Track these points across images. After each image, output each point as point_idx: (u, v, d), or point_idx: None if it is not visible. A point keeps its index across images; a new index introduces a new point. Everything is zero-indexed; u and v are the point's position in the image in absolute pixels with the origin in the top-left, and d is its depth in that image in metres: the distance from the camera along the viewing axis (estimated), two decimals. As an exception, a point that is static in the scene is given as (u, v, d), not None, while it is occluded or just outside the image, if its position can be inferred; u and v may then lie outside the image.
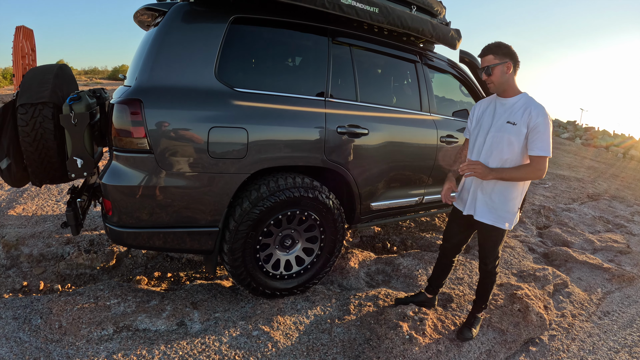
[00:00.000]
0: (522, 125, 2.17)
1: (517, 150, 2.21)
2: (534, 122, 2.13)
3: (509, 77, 2.23)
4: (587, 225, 5.51)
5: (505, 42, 2.24)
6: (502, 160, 2.25)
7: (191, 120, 2.30)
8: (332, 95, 2.81)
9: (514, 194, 2.32)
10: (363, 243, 4.20)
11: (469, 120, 2.57)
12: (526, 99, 2.24)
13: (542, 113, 2.14)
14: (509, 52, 2.21)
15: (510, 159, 2.23)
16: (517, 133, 2.18)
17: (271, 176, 2.59)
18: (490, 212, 2.35)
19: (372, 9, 2.75)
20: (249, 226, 2.49)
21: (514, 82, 2.26)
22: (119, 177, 2.29)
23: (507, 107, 2.27)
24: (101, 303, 2.66)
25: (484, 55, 2.24)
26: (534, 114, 2.14)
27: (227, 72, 2.46)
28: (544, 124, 2.12)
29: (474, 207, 2.41)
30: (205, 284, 3.06)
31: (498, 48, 2.21)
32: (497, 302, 2.99)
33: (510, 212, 2.34)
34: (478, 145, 2.38)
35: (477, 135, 2.40)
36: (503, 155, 2.25)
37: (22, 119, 2.34)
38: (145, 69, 2.31)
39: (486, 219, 2.36)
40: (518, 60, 2.24)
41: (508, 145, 2.22)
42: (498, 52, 2.20)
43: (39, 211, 4.31)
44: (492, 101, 2.39)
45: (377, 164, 3.01)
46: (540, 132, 2.12)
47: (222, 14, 2.48)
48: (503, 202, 2.32)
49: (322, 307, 2.77)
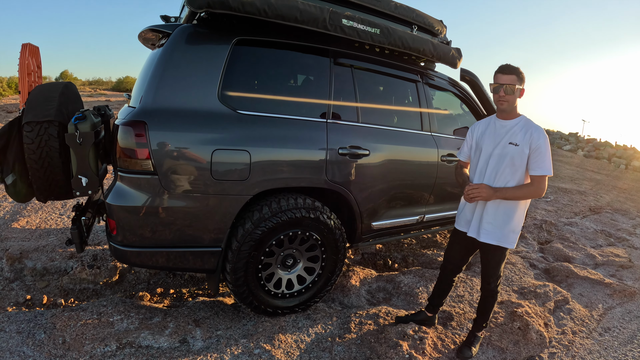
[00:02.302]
0: (525, 146, 2.25)
1: (519, 171, 2.30)
2: (536, 143, 2.23)
3: (517, 100, 2.33)
4: (589, 239, 5.50)
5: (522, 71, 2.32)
6: (505, 180, 2.32)
7: (195, 143, 2.33)
8: (333, 117, 2.84)
9: (517, 213, 2.38)
10: (364, 260, 4.21)
11: (465, 143, 2.61)
12: (525, 121, 2.33)
13: (543, 135, 2.25)
14: (524, 77, 2.31)
15: (513, 179, 2.31)
16: (519, 154, 2.26)
17: (273, 197, 2.62)
18: (494, 232, 2.39)
19: (374, 30, 2.79)
20: (251, 246, 2.52)
21: (517, 105, 2.36)
22: (124, 197, 2.32)
23: (507, 129, 2.34)
24: (104, 319, 2.67)
25: (509, 74, 2.27)
26: (535, 136, 2.23)
27: (230, 94, 2.50)
28: (545, 145, 2.23)
29: (477, 229, 2.45)
30: (208, 301, 3.08)
31: (520, 73, 2.28)
32: (497, 320, 2.99)
33: (514, 232, 2.39)
34: (480, 167, 2.43)
35: (479, 157, 2.45)
36: (506, 175, 2.32)
37: (28, 136, 2.37)
38: (150, 90, 2.35)
39: (490, 239, 2.40)
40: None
41: (511, 166, 2.30)
42: (520, 76, 2.28)
43: (43, 224, 4.35)
44: (491, 123, 2.45)
45: (378, 185, 3.03)
46: (542, 152, 2.23)
47: (226, 36, 2.53)
48: (506, 221, 2.37)
49: (323, 325, 2.78)
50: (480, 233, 2.43)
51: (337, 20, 2.62)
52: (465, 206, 2.58)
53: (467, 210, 2.54)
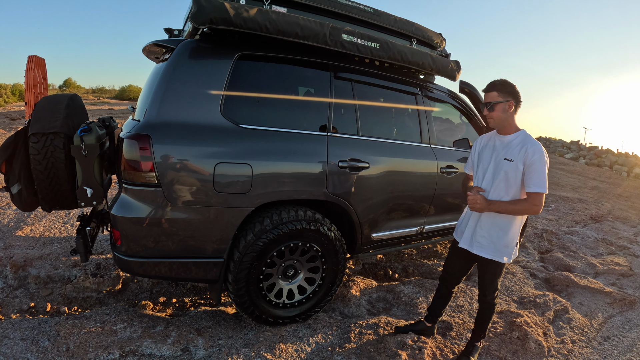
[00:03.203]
0: (519, 161, 2.23)
1: (514, 187, 2.29)
2: (530, 159, 2.20)
3: (509, 115, 2.29)
4: (590, 248, 5.52)
5: (510, 81, 2.30)
6: (499, 195, 2.33)
7: (198, 156, 2.38)
8: (334, 130, 2.88)
9: (512, 228, 2.37)
10: (365, 270, 4.23)
11: (470, 156, 2.65)
12: (523, 136, 2.30)
13: (539, 150, 2.21)
14: (512, 91, 2.27)
15: (507, 194, 2.31)
16: (514, 169, 2.25)
17: (274, 209, 2.66)
18: (488, 246, 2.39)
19: (373, 44, 2.84)
20: (252, 257, 2.56)
21: (514, 120, 2.33)
22: (128, 209, 2.37)
23: (505, 144, 2.34)
24: (108, 327, 2.70)
25: (489, 91, 2.31)
26: (530, 152, 2.21)
27: (232, 108, 2.55)
28: (540, 161, 2.19)
29: (469, 240, 2.47)
30: (210, 310, 3.11)
31: (502, 86, 2.27)
32: (496, 330, 3.02)
33: (508, 246, 2.38)
34: (478, 181, 2.46)
35: (478, 170, 2.49)
36: (500, 190, 2.32)
37: (34, 147, 2.42)
38: (154, 104, 2.40)
39: (484, 253, 2.41)
40: (520, 100, 2.31)
41: (505, 181, 2.29)
42: (502, 90, 2.26)
43: (47, 233, 4.38)
44: (492, 137, 2.46)
45: (378, 197, 3.07)
46: (536, 169, 2.19)
47: (228, 51, 2.58)
48: (501, 236, 2.36)
49: (323, 334, 2.81)
50: (473, 245, 2.45)
51: (337, 35, 2.67)
52: (463, 218, 2.60)
53: (464, 221, 2.57)
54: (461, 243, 2.52)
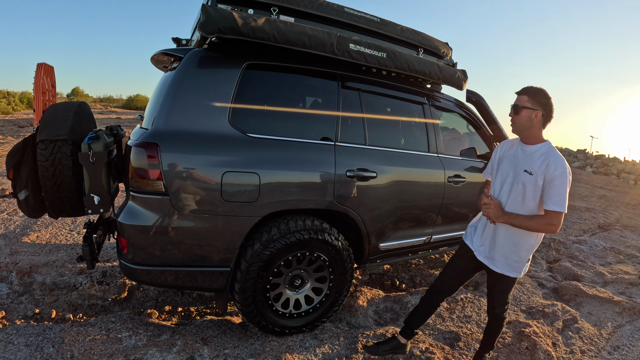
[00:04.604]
0: (539, 176, 2.08)
1: (531, 202, 2.13)
2: (552, 174, 2.03)
3: (534, 124, 2.12)
4: (598, 257, 5.47)
5: (547, 92, 2.13)
6: (514, 209, 2.18)
7: (205, 165, 2.38)
8: (341, 140, 2.87)
9: (528, 243, 2.24)
10: (372, 280, 4.20)
11: (490, 161, 2.48)
12: (547, 148, 2.14)
13: (561, 165, 2.03)
14: (545, 103, 2.11)
15: (523, 208, 2.16)
16: (533, 183, 2.10)
17: (282, 218, 2.65)
18: (501, 261, 2.29)
19: (380, 54, 2.84)
20: (259, 267, 2.54)
21: (539, 131, 2.16)
22: (135, 216, 2.37)
23: (527, 154, 2.18)
24: (113, 335, 2.69)
25: (521, 94, 2.16)
26: (552, 166, 2.04)
27: (240, 117, 2.55)
28: (562, 177, 2.02)
29: (485, 253, 2.36)
30: (216, 319, 3.09)
31: (535, 94, 2.12)
32: (504, 340, 2.99)
33: (521, 262, 2.27)
34: (495, 189, 2.33)
35: (496, 178, 2.35)
36: (516, 204, 2.18)
37: (42, 154, 2.43)
38: (162, 113, 2.41)
39: (495, 267, 2.31)
40: (552, 114, 2.15)
41: (522, 195, 2.15)
42: (534, 97, 2.11)
43: (53, 240, 4.39)
44: (515, 145, 2.30)
45: (385, 206, 3.05)
46: (557, 186, 2.02)
47: (236, 60, 2.59)
48: (514, 251, 2.25)
49: (330, 345, 2.78)
50: (487, 257, 2.35)
51: (344, 44, 2.67)
52: (478, 225, 2.47)
53: (479, 230, 2.43)
54: (478, 255, 2.39)
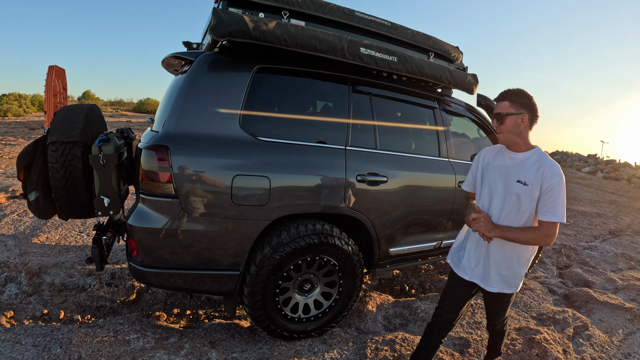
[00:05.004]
0: (535, 186, 1.92)
1: (526, 214, 1.98)
2: (548, 183, 1.89)
3: (522, 130, 1.97)
4: (609, 263, 5.40)
5: (526, 91, 1.99)
6: (511, 221, 2.01)
7: (216, 168, 2.38)
8: (352, 144, 2.86)
9: (524, 257, 2.09)
10: (381, 286, 4.17)
11: (470, 172, 2.30)
12: (539, 155, 1.98)
13: (557, 173, 1.90)
14: (528, 103, 1.95)
15: (520, 220, 1.99)
16: (528, 195, 1.94)
17: (292, 222, 2.64)
18: (497, 280, 2.10)
19: (391, 58, 2.83)
20: (269, 271, 2.53)
21: (527, 136, 2.00)
22: (145, 219, 2.37)
23: (517, 163, 2.01)
24: (120, 337, 2.70)
25: (500, 100, 2.00)
26: (548, 174, 1.89)
27: (251, 121, 2.55)
28: (559, 186, 1.89)
29: (480, 274, 2.15)
30: (224, 323, 3.08)
31: (517, 96, 1.96)
32: (515, 347, 2.96)
33: (518, 278, 2.11)
34: (483, 203, 2.13)
35: (482, 191, 2.15)
36: (511, 218, 2.01)
37: (53, 156, 2.44)
38: (173, 116, 2.42)
39: (493, 287, 2.12)
40: (537, 114, 1.99)
41: (517, 209, 1.98)
42: (515, 101, 1.95)
43: (62, 241, 4.42)
44: (499, 153, 2.12)
45: (396, 211, 3.03)
46: (555, 195, 1.88)
47: (247, 64, 2.59)
48: (511, 267, 2.08)
49: (338, 350, 2.76)
50: (482, 278, 2.14)
51: (355, 48, 2.66)
52: (463, 244, 2.27)
53: (467, 250, 2.22)
54: (469, 277, 2.18)
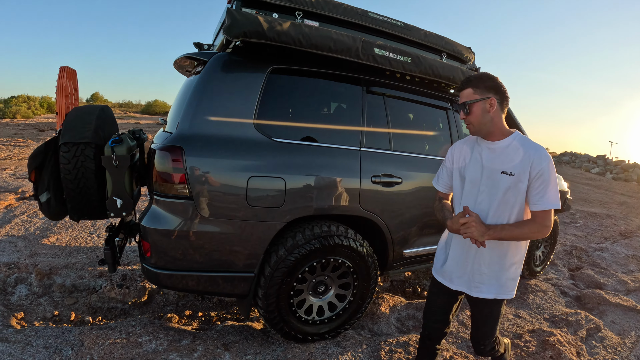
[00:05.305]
0: (522, 174, 1.73)
1: (516, 206, 1.79)
2: (538, 168, 1.70)
3: (493, 116, 1.78)
4: (620, 265, 5.38)
5: (490, 74, 1.83)
6: (503, 218, 1.82)
7: (231, 169, 2.37)
8: (366, 145, 2.84)
9: (517, 256, 1.90)
10: (393, 287, 4.16)
11: (442, 169, 2.10)
12: (520, 139, 1.80)
13: (545, 156, 1.72)
14: (493, 85, 1.78)
15: (512, 215, 1.81)
16: (516, 185, 1.75)
17: (306, 224, 2.62)
18: (490, 284, 1.89)
19: (405, 58, 2.81)
20: (284, 272, 2.51)
21: (501, 121, 1.81)
22: (159, 220, 2.36)
23: (497, 153, 1.82)
24: (133, 339, 2.68)
25: (463, 89, 1.83)
26: (535, 159, 1.71)
27: (265, 121, 2.53)
28: (549, 170, 1.70)
29: (466, 281, 1.95)
30: (237, 325, 3.07)
31: (479, 80, 1.80)
32: (529, 349, 2.94)
33: (513, 279, 1.91)
34: (468, 202, 1.91)
35: (463, 190, 1.94)
36: (502, 214, 1.81)
37: (65, 157, 2.42)
38: (187, 116, 2.40)
39: (486, 292, 1.90)
40: (506, 95, 1.81)
41: (504, 203, 1.79)
42: (479, 86, 1.78)
43: (73, 242, 4.42)
44: (476, 145, 1.92)
45: (410, 212, 3.01)
46: (545, 180, 1.70)
47: (261, 65, 2.57)
48: (503, 267, 1.87)
49: (352, 352, 2.74)
50: (472, 285, 1.92)
51: (369, 49, 2.65)
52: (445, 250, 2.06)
53: (451, 256, 2.01)
54: (455, 286, 1.98)
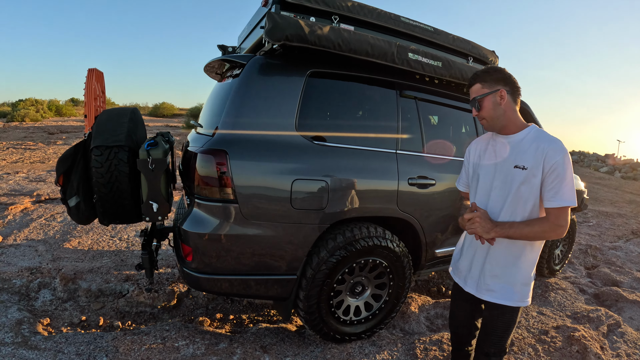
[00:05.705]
0: (536, 168, 1.63)
1: (530, 202, 1.68)
2: (552, 162, 1.59)
3: (505, 108, 1.72)
4: (635, 263, 5.48)
5: (497, 66, 1.82)
6: (516, 215, 1.72)
7: (275, 172, 2.39)
8: (402, 148, 2.88)
9: (531, 257, 1.77)
10: (418, 287, 4.20)
11: (463, 169, 2.07)
12: (536, 132, 1.70)
13: (560, 149, 1.60)
14: (502, 77, 1.73)
15: (525, 212, 1.70)
16: (528, 180, 1.65)
17: (346, 225, 2.65)
18: (502, 288, 1.78)
19: (436, 63, 2.86)
20: (325, 274, 2.55)
21: (516, 114, 1.75)
22: (201, 224, 2.36)
23: (512, 146, 1.74)
24: (169, 344, 2.67)
25: (471, 86, 1.80)
26: (550, 152, 1.60)
27: (306, 124, 2.56)
28: (564, 164, 1.58)
29: (476, 282, 1.87)
30: (271, 327, 3.10)
31: (486, 74, 1.75)
32: (555, 345, 3.00)
33: (527, 284, 1.78)
34: (481, 199, 1.84)
35: (478, 186, 1.87)
36: (516, 210, 1.72)
37: (97, 160, 2.38)
38: (228, 119, 2.41)
39: (497, 297, 1.79)
40: (516, 85, 1.74)
41: (517, 199, 1.69)
42: (487, 79, 1.73)
43: (95, 246, 4.41)
44: (491, 140, 1.87)
45: (443, 213, 3.05)
46: (561, 174, 1.58)
47: (299, 68, 2.59)
48: (516, 271, 1.76)
49: (389, 351, 2.78)
50: (481, 288, 1.84)
51: (404, 54, 2.69)
52: (462, 250, 2.02)
53: (464, 255, 1.97)
54: (467, 287, 1.92)
